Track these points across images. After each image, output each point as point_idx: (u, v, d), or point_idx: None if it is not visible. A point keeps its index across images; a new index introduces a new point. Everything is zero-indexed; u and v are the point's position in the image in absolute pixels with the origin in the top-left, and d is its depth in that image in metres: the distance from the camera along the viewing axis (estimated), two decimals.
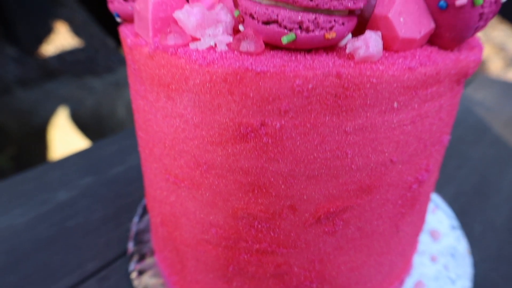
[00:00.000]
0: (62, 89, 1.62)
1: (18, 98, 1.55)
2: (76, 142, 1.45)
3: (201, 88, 0.21)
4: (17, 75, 1.78)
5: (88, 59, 2.01)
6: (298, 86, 0.20)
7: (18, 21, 1.91)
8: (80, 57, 2.01)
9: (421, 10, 0.22)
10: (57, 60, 1.95)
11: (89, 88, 1.64)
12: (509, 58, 2.37)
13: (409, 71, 0.21)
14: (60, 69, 1.88)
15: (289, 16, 0.20)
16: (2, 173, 1.41)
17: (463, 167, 0.53)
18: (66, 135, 1.44)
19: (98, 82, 1.71)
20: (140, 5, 0.24)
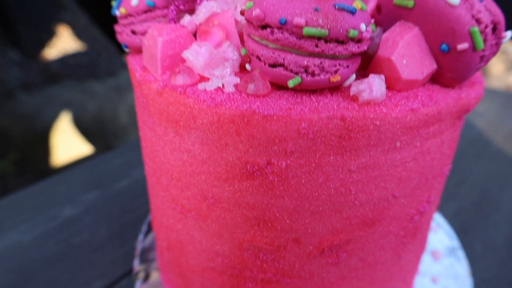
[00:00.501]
0: (64, 94, 1.62)
1: (21, 102, 1.56)
2: (78, 147, 1.46)
3: (209, 127, 0.22)
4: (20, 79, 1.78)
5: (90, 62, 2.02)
6: (304, 129, 0.20)
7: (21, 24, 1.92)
8: (82, 61, 2.02)
9: (423, 52, 0.22)
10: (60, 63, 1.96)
11: (91, 93, 1.64)
12: (511, 61, 2.37)
13: (411, 113, 0.21)
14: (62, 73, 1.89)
15: (295, 61, 0.20)
16: (5, 178, 1.41)
17: (464, 183, 0.53)
18: (68, 140, 1.45)
19: (100, 86, 1.71)
20: (149, 42, 0.24)
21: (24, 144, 1.45)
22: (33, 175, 1.45)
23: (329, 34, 0.19)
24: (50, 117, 1.49)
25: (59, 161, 1.45)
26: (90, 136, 1.46)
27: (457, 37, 0.21)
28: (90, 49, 2.10)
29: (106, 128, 1.46)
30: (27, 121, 1.47)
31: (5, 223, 0.47)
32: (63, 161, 1.45)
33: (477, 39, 0.20)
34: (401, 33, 0.22)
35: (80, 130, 1.47)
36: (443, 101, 0.23)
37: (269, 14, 0.20)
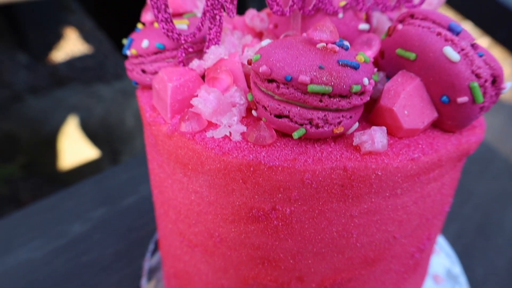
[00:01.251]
0: (71, 97, 1.64)
1: (29, 106, 1.58)
2: (85, 151, 1.48)
3: (216, 173, 0.23)
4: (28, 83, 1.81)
5: (97, 65, 2.04)
6: (308, 179, 0.21)
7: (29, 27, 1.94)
8: (89, 64, 2.03)
9: (424, 102, 0.23)
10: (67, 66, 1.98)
11: (98, 96, 1.66)
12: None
13: (412, 162, 0.22)
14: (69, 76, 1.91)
15: (300, 113, 0.21)
16: (13, 182, 1.44)
17: (467, 203, 0.54)
18: (75, 144, 1.47)
19: (107, 89, 1.73)
20: (159, 86, 0.25)
21: (32, 147, 1.47)
22: (40, 179, 1.47)
23: (333, 91, 0.20)
24: (57, 121, 1.50)
25: (66, 165, 1.47)
26: (97, 140, 1.47)
27: (457, 91, 0.21)
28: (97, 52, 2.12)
29: (112, 132, 1.48)
30: (35, 125, 1.49)
31: (16, 239, 0.48)
32: (70, 165, 1.47)
33: (476, 93, 0.21)
34: (403, 83, 0.23)
35: (87, 134, 1.48)
36: (443, 148, 0.23)
37: (275, 70, 0.21)
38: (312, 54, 0.21)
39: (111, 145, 1.47)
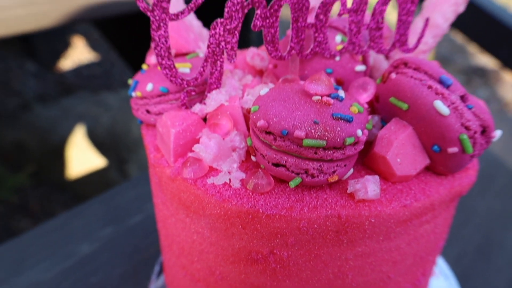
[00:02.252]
0: (79, 105, 1.67)
1: (38, 114, 1.60)
2: (92, 159, 1.50)
3: (217, 218, 0.24)
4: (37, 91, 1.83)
5: (104, 73, 2.06)
6: (304, 226, 0.22)
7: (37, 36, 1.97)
8: (96, 72, 2.06)
9: (416, 149, 0.24)
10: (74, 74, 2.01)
11: (105, 105, 1.68)
12: None
13: (404, 208, 0.23)
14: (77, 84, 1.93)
15: (296, 163, 0.22)
16: (22, 191, 1.46)
17: (468, 223, 0.54)
18: (83, 153, 1.49)
19: (114, 98, 1.75)
20: (163, 129, 0.27)
21: (40, 156, 1.50)
22: (48, 187, 1.49)
23: (327, 144, 0.21)
24: (65, 129, 1.53)
25: (73, 174, 1.49)
26: (104, 149, 1.50)
27: (448, 142, 0.22)
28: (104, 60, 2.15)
29: (119, 141, 1.50)
30: (43, 133, 1.52)
31: (26, 260, 0.49)
32: (78, 174, 1.49)
33: (466, 145, 0.22)
34: (396, 132, 0.24)
35: (94, 143, 1.50)
36: (436, 193, 0.24)
37: (272, 124, 0.22)
38: (308, 108, 0.22)
39: (118, 154, 1.49)
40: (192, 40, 0.32)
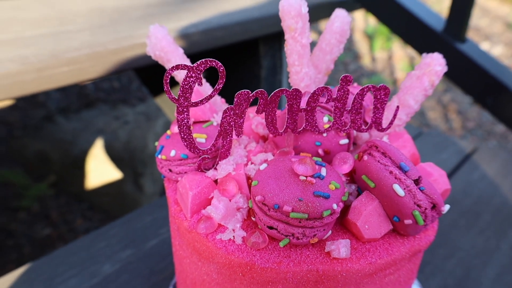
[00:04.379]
0: (99, 119, 1.76)
1: (60, 127, 1.70)
2: (109, 172, 1.58)
3: (222, 265, 0.31)
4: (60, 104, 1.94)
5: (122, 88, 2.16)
6: (289, 277, 0.29)
7: None
8: (115, 86, 2.16)
9: (381, 218, 0.30)
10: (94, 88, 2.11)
11: (123, 119, 1.77)
12: None
13: (370, 265, 0.29)
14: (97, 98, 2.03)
15: (285, 228, 0.29)
16: (43, 200, 1.56)
17: (451, 257, 0.60)
18: (101, 166, 1.58)
19: (131, 112, 1.84)
20: (182, 190, 0.33)
21: (61, 167, 1.59)
22: (68, 197, 1.58)
23: (309, 216, 0.28)
24: (85, 142, 1.62)
25: (91, 185, 1.58)
26: (121, 163, 1.58)
27: (404, 216, 0.29)
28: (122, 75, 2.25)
29: (135, 156, 1.58)
30: (65, 145, 1.61)
31: (57, 277, 0.57)
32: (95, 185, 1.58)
33: (418, 219, 0.28)
34: (365, 204, 0.30)
35: (112, 157, 1.59)
36: (397, 251, 0.30)
37: (267, 199, 0.28)
38: (295, 186, 0.29)
39: (133, 167, 1.57)
40: (207, 110, 0.39)
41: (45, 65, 0.48)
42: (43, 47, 0.52)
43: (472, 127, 2.49)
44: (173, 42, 0.39)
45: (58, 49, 0.52)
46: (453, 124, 2.55)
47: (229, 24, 0.65)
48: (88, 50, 0.52)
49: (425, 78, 0.37)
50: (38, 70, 0.48)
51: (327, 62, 0.41)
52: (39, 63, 0.48)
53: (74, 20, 0.67)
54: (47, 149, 1.62)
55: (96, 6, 0.76)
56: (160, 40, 0.38)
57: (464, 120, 2.56)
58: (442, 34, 0.75)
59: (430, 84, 0.37)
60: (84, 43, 0.54)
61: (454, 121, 2.55)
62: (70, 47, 0.52)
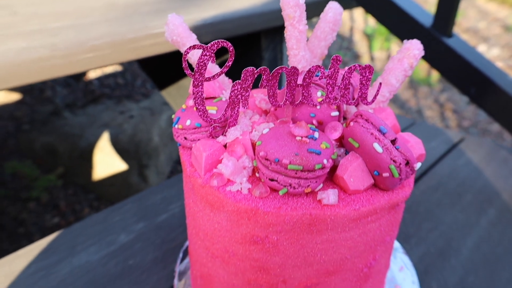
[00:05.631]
0: (104, 114, 1.82)
1: (67, 121, 1.76)
2: (115, 164, 1.64)
3: (231, 213, 0.37)
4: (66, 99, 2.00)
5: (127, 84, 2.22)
6: (287, 220, 0.35)
7: None
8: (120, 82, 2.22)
9: (364, 173, 0.36)
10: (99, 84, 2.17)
11: (128, 114, 1.83)
12: None
13: (354, 211, 0.35)
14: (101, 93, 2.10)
15: (283, 180, 0.35)
16: (52, 190, 1.61)
17: (434, 230, 0.66)
18: (107, 158, 1.64)
19: (136, 108, 1.90)
20: (197, 153, 0.39)
21: (69, 160, 1.65)
22: (75, 188, 1.64)
23: (303, 168, 0.34)
24: (91, 136, 1.68)
25: (98, 176, 1.64)
26: (126, 155, 1.64)
27: (382, 169, 0.35)
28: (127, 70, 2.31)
29: (140, 148, 1.64)
30: (72, 139, 1.67)
31: (78, 245, 0.63)
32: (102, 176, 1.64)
33: (394, 172, 0.34)
34: (351, 161, 0.36)
35: (117, 149, 1.65)
36: (377, 202, 0.36)
37: (269, 154, 0.34)
38: (292, 144, 0.35)
39: (139, 159, 1.63)
40: (217, 88, 0.45)
41: (71, 52, 0.54)
42: (68, 36, 0.58)
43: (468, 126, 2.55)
44: (188, 29, 0.45)
45: (81, 38, 0.58)
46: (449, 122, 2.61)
47: (233, 17, 0.71)
48: (108, 39, 0.58)
49: (405, 61, 0.43)
50: (65, 56, 0.54)
51: (321, 48, 0.47)
52: (66, 49, 0.54)
53: (90, 14, 0.73)
54: (55, 142, 1.68)
55: (109, 1, 0.82)
56: (177, 27, 0.44)
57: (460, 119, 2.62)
58: (431, 30, 0.81)
59: (409, 65, 0.43)
60: (103, 33, 0.60)
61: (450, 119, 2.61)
62: (91, 37, 0.58)
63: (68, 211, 1.53)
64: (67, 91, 2.05)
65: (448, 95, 2.83)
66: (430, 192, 0.75)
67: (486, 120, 2.57)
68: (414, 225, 0.67)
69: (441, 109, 2.73)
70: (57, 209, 1.53)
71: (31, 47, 0.54)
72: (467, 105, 2.71)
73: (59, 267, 0.59)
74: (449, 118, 2.66)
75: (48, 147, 1.68)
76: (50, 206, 1.54)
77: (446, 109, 2.72)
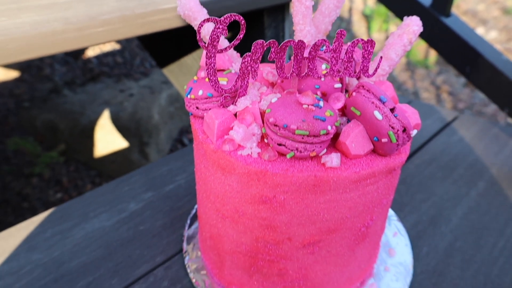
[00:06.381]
0: (104, 92, 1.83)
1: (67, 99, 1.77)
2: (116, 141, 1.67)
3: (242, 175, 0.40)
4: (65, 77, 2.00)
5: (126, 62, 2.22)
6: (294, 181, 0.38)
7: None
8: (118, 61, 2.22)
9: (365, 139, 0.39)
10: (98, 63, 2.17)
11: (128, 92, 1.84)
12: None
13: (355, 174, 0.39)
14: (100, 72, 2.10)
15: (291, 144, 0.38)
16: (54, 166, 1.64)
17: (427, 201, 0.70)
18: (108, 135, 1.66)
19: (135, 86, 1.91)
20: (209, 120, 0.42)
21: (70, 137, 1.67)
22: (77, 164, 1.67)
23: (309, 134, 0.37)
24: (92, 113, 1.70)
25: (99, 153, 1.66)
26: (127, 133, 1.66)
27: (381, 135, 0.38)
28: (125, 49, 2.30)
29: (140, 126, 1.66)
30: (73, 116, 1.69)
31: (90, 213, 0.66)
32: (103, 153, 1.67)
33: (392, 137, 0.38)
34: (353, 128, 0.39)
35: (118, 127, 1.67)
36: (376, 166, 0.40)
37: (278, 121, 0.37)
38: (299, 111, 0.38)
39: (139, 137, 1.66)
40: (227, 61, 0.47)
41: (84, 25, 0.56)
42: (80, 11, 0.60)
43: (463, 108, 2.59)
44: (199, 3, 0.47)
45: (92, 12, 0.59)
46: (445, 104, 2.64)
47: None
48: (118, 13, 0.60)
49: (405, 36, 0.46)
50: (78, 30, 0.56)
51: (325, 24, 0.50)
52: (79, 23, 0.56)
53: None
54: (56, 119, 1.70)
55: None
56: (189, 1, 0.46)
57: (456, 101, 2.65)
58: (430, 9, 0.83)
59: (409, 41, 0.46)
60: (114, 8, 0.62)
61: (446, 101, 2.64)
62: (102, 11, 0.60)
63: (70, 187, 1.56)
64: (66, 69, 2.05)
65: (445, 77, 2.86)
66: (424, 166, 0.79)
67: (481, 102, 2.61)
68: (408, 195, 0.71)
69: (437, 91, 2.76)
70: (60, 184, 1.56)
71: (44, 20, 0.55)
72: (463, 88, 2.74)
73: (74, 232, 0.62)
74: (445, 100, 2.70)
75: (49, 124, 1.69)
76: (52, 182, 1.57)
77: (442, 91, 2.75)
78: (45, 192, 1.53)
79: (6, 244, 0.60)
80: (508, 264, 0.58)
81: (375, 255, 0.54)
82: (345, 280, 0.49)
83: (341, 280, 0.49)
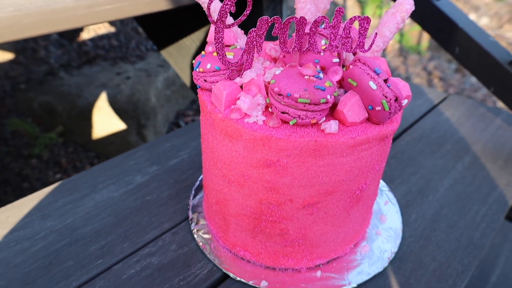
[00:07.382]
0: (101, 75, 1.84)
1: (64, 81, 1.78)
2: (114, 123, 1.69)
3: (248, 141, 0.43)
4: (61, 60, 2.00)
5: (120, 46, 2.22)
6: (296, 145, 0.42)
7: None
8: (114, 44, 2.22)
9: (360, 108, 0.43)
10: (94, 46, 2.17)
11: (124, 75, 1.86)
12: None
13: (351, 139, 0.43)
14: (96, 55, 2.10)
15: (293, 112, 0.42)
16: (53, 147, 1.66)
17: (416, 174, 0.75)
18: (106, 117, 1.68)
19: (132, 69, 1.92)
20: (217, 91, 0.46)
21: (68, 119, 1.69)
22: (76, 146, 1.69)
23: (311, 102, 0.40)
24: (89, 96, 1.71)
25: (97, 135, 1.69)
26: (124, 115, 1.68)
27: (375, 104, 0.42)
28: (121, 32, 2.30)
29: (138, 108, 1.68)
30: (70, 98, 1.70)
31: (99, 184, 0.70)
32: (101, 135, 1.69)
33: (385, 105, 0.41)
34: (350, 98, 0.43)
35: (116, 109, 1.69)
36: (370, 133, 0.44)
37: (282, 90, 0.41)
38: (302, 82, 0.41)
39: (137, 119, 1.68)
40: (232, 37, 0.51)
41: (93, 3, 0.58)
42: None
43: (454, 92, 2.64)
44: None
45: None
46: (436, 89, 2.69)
47: None
48: None
49: (398, 14, 0.49)
50: (88, 7, 0.58)
51: (324, 3, 0.53)
52: (89, 0, 0.58)
53: None
54: (53, 101, 1.71)
55: None
56: None
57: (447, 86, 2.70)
58: None
59: (401, 19, 0.49)
60: None
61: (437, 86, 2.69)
62: None
63: (69, 168, 1.59)
64: (61, 52, 2.05)
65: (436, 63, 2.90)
66: (413, 142, 0.84)
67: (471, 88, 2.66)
68: (398, 169, 0.76)
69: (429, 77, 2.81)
70: (59, 165, 1.59)
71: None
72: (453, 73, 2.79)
73: (84, 202, 0.66)
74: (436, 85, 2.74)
75: (47, 106, 1.71)
76: (51, 163, 1.59)
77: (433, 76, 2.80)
78: (45, 173, 1.55)
79: (20, 212, 0.63)
80: (489, 228, 0.63)
81: (368, 220, 0.58)
82: (340, 241, 0.54)
83: (336, 240, 0.53)
